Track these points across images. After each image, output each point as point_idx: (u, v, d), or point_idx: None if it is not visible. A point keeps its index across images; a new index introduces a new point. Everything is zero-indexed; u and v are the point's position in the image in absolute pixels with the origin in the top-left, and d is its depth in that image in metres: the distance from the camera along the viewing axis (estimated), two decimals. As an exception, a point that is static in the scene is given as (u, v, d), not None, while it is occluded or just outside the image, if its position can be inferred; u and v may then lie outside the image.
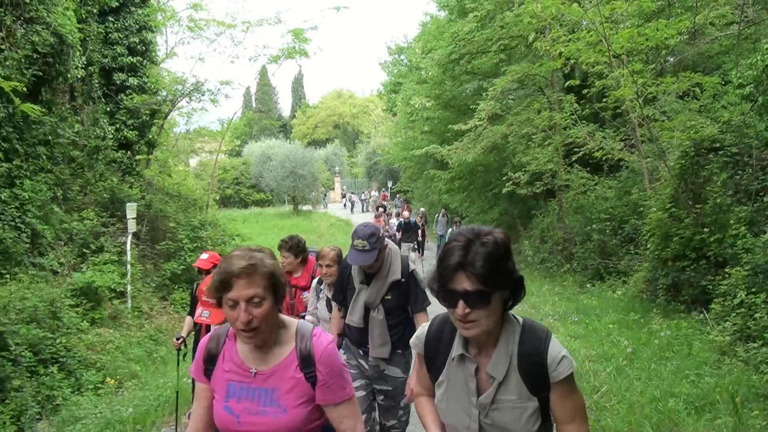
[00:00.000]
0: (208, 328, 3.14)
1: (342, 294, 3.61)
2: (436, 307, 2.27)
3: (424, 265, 13.90)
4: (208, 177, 21.02)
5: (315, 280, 4.39)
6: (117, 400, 6.07)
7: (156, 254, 10.90)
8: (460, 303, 1.58)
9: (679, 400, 4.86)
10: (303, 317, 4.22)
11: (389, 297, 3.37)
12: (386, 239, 3.48)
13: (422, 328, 1.92)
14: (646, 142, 10.73)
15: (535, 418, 1.69)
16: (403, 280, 3.40)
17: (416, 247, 14.72)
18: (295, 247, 4.63)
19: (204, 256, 4.94)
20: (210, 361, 1.94)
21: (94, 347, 7.28)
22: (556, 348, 1.68)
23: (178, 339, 4.96)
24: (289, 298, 4.54)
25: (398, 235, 14.53)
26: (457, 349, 1.76)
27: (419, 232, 15.24)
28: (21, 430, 5.23)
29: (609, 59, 9.57)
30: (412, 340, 1.98)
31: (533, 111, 13.77)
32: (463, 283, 1.58)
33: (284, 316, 1.99)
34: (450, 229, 13.87)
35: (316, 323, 4.04)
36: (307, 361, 1.86)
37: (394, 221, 16.84)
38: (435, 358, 1.84)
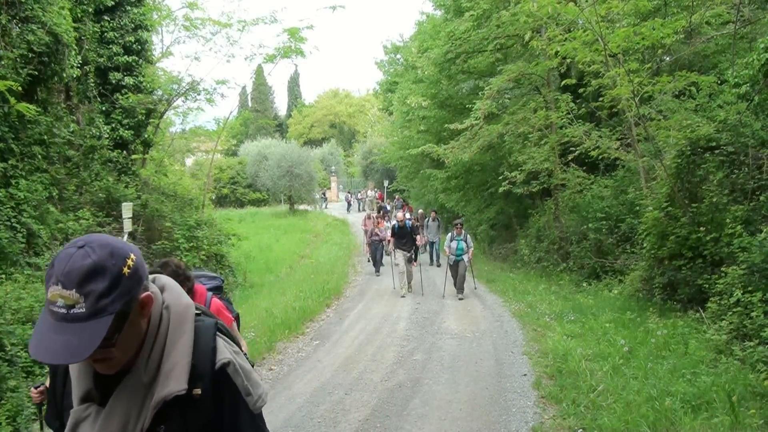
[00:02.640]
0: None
1: (59, 419, 1.44)
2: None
3: (422, 273, 13.74)
4: (204, 176, 20.98)
5: None
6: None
7: (152, 254, 10.85)
8: None
9: (676, 399, 4.87)
10: None
11: None
12: (162, 278, 1.43)
13: None
14: (643, 141, 10.76)
15: None
16: (198, 392, 1.29)
17: (413, 256, 12.17)
18: (173, 276, 3.13)
19: None
20: None
21: (90, 347, 7.25)
22: None
23: (37, 387, 2.70)
24: None
25: (392, 241, 12.36)
26: None
27: (417, 237, 12.65)
28: (17, 430, 5.20)
29: (605, 58, 9.59)
30: None
31: (529, 110, 13.80)
32: None
33: None
34: (450, 234, 11.86)
35: None
36: None
37: (388, 225, 14.82)
38: None
